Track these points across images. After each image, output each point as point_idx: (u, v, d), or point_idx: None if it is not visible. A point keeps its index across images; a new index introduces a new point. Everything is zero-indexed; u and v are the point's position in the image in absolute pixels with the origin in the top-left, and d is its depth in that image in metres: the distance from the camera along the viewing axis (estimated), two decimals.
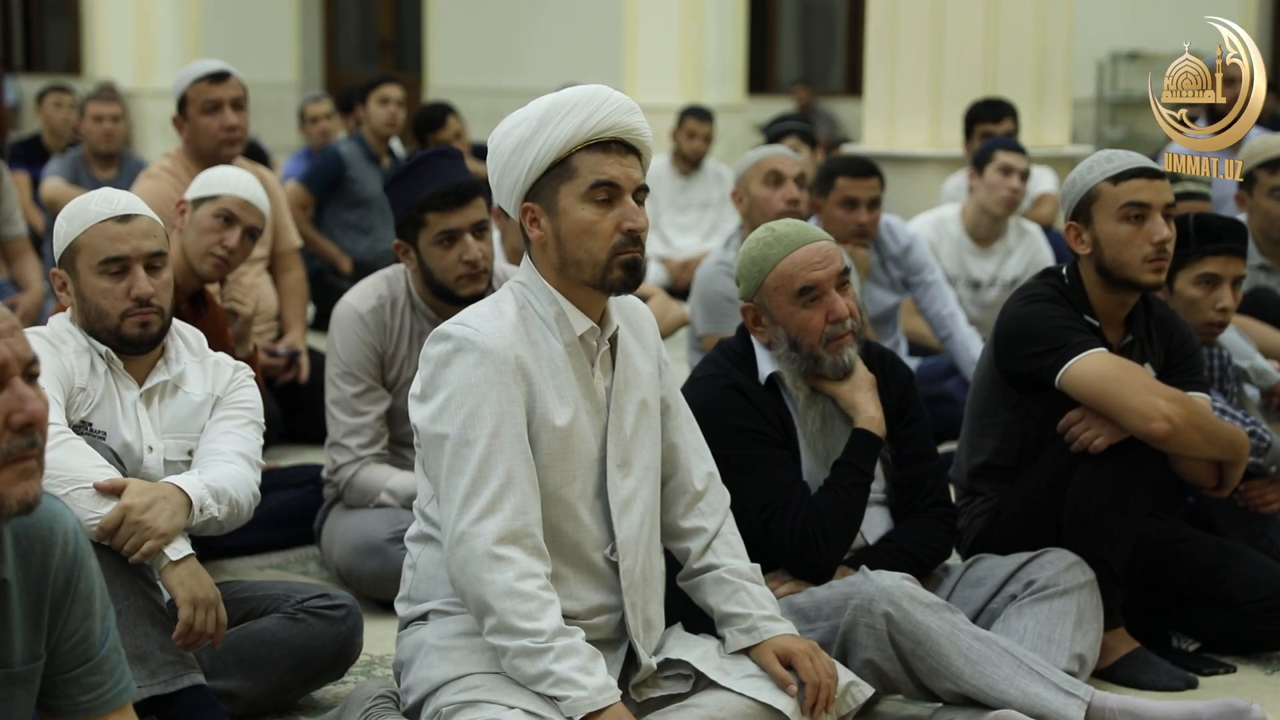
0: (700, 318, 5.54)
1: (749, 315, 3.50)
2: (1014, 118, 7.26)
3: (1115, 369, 3.52)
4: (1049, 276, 3.79)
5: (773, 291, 3.44)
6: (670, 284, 9.27)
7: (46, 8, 19.96)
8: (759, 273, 3.45)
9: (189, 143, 5.51)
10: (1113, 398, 3.51)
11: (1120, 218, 3.61)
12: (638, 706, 2.97)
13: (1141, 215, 3.61)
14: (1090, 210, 3.65)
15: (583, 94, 2.89)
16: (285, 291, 5.78)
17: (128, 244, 3.30)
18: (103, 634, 2.32)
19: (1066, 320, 3.61)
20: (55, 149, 9.47)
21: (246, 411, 3.40)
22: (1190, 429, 3.50)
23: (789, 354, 3.45)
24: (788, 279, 3.42)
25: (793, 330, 3.43)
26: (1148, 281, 3.64)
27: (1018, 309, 3.71)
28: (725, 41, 13.92)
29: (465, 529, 2.79)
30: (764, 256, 3.45)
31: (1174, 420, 3.47)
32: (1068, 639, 3.41)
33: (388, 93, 8.22)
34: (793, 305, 3.42)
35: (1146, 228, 3.60)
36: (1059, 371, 3.56)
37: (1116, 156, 3.68)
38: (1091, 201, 3.65)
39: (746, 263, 3.48)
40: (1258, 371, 4.68)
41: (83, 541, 2.29)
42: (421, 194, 4.04)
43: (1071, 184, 3.71)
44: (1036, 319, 3.63)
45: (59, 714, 2.32)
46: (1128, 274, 3.63)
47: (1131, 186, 3.62)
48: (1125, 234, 3.61)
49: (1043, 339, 3.60)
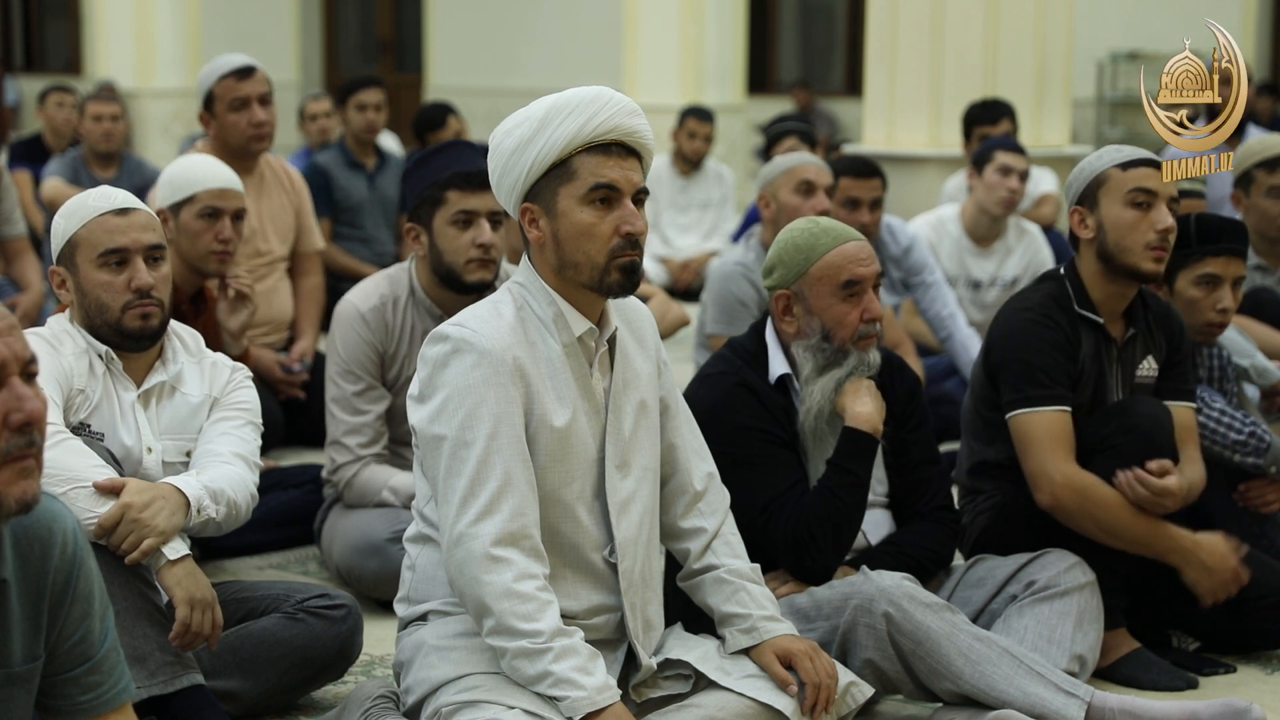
0: (711, 316, 5.51)
1: (780, 303, 3.50)
2: (1012, 118, 7.25)
3: (1039, 434, 3.59)
4: (1046, 281, 3.80)
5: (816, 281, 3.44)
6: (670, 284, 9.27)
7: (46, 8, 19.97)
8: (804, 260, 3.45)
9: (217, 139, 5.50)
10: (1023, 457, 3.63)
11: (1127, 202, 3.66)
12: (638, 707, 2.97)
13: (1147, 203, 3.65)
14: (1097, 194, 3.70)
15: (584, 96, 2.88)
16: (301, 295, 5.73)
17: (127, 236, 3.31)
18: (102, 634, 2.32)
19: (1046, 357, 3.63)
20: (56, 149, 9.47)
21: (244, 412, 3.39)
22: (1079, 512, 3.56)
23: (820, 345, 3.45)
24: (835, 270, 3.43)
25: (828, 322, 3.44)
26: (1147, 270, 3.66)
27: (1009, 321, 3.73)
28: (725, 41, 13.92)
29: (463, 530, 2.79)
30: (811, 245, 3.45)
31: (1060, 497, 3.56)
32: (1068, 639, 3.41)
33: (365, 98, 7.89)
34: (833, 297, 3.44)
35: (1151, 215, 3.65)
36: (1011, 412, 3.65)
37: (1126, 149, 3.75)
38: (1099, 186, 3.70)
39: (790, 250, 3.48)
40: (1258, 370, 4.68)
41: (82, 541, 2.29)
42: (446, 172, 4.05)
43: (1080, 170, 3.76)
44: (1022, 346, 3.66)
45: (58, 714, 2.32)
46: (1129, 260, 3.65)
47: (1140, 173, 3.67)
48: (1130, 219, 3.65)
49: (1018, 371, 3.65)
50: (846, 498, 3.39)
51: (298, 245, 5.72)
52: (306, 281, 5.76)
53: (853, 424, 3.42)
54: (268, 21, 18.39)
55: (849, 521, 3.42)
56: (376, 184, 7.78)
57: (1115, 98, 15.74)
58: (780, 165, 5.47)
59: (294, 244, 5.70)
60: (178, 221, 4.55)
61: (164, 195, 4.62)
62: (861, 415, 3.42)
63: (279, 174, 5.70)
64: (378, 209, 7.75)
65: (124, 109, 9.01)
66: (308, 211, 5.77)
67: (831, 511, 3.38)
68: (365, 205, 7.72)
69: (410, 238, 4.17)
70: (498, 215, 4.11)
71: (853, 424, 3.42)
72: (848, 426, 3.42)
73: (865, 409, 3.43)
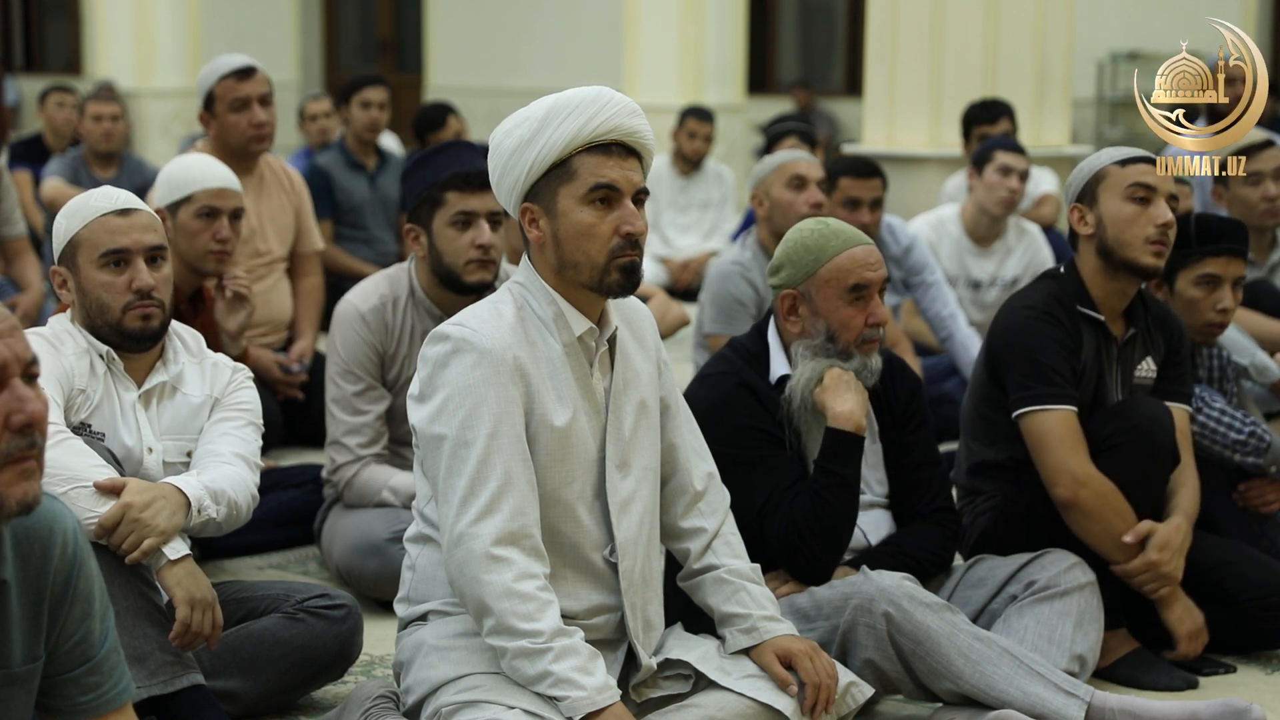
0: (709, 316, 5.51)
1: (786, 302, 3.48)
2: (1011, 118, 7.25)
3: (1057, 432, 3.59)
4: (1046, 280, 3.80)
5: (824, 283, 3.44)
6: (670, 284, 9.27)
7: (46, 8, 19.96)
8: (813, 261, 3.44)
9: (217, 139, 5.50)
10: (1040, 454, 3.61)
11: (1126, 197, 3.67)
12: (638, 707, 2.97)
13: (1146, 198, 3.67)
14: (1096, 190, 3.71)
15: (585, 96, 2.88)
16: (301, 295, 5.73)
17: (128, 237, 3.31)
18: (102, 634, 2.32)
19: (1052, 355, 3.64)
20: (57, 149, 9.47)
21: (244, 413, 3.39)
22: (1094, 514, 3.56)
23: (824, 346, 3.44)
24: (843, 273, 3.43)
25: (834, 324, 3.43)
26: (1147, 264, 3.67)
27: (1012, 318, 3.73)
28: (725, 42, 13.92)
29: (463, 530, 2.79)
30: (821, 247, 3.44)
31: (1079, 496, 3.55)
32: (1068, 639, 3.41)
33: (370, 96, 7.88)
34: (840, 300, 3.43)
35: (1150, 210, 3.66)
36: (1020, 410, 3.64)
37: (1126, 149, 3.77)
38: (1099, 182, 3.72)
39: (799, 250, 3.46)
40: (1258, 368, 4.68)
41: (82, 542, 2.29)
42: (445, 173, 4.05)
43: (1079, 170, 3.78)
44: (1027, 344, 3.66)
45: (58, 714, 2.32)
46: (1129, 254, 3.66)
47: (1139, 169, 3.69)
48: (1130, 213, 3.66)
49: (1025, 370, 3.64)
50: (834, 499, 3.37)
51: (297, 246, 5.71)
52: (306, 282, 5.75)
53: (834, 424, 3.39)
54: (268, 21, 18.38)
55: (840, 522, 3.39)
56: (377, 184, 7.78)
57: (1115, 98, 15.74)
58: (771, 163, 5.49)
59: (293, 244, 5.70)
60: (175, 221, 4.55)
61: (162, 195, 4.62)
62: (842, 414, 3.39)
63: (279, 174, 5.70)
64: (379, 209, 7.74)
65: (124, 109, 9.01)
66: (307, 212, 5.77)
67: (820, 513, 3.37)
68: (367, 206, 7.71)
69: (410, 238, 4.18)
70: (497, 216, 4.11)
71: (834, 424, 3.39)
72: (830, 427, 3.40)
73: (845, 406, 3.40)
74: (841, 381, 3.42)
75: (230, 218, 4.58)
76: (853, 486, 3.40)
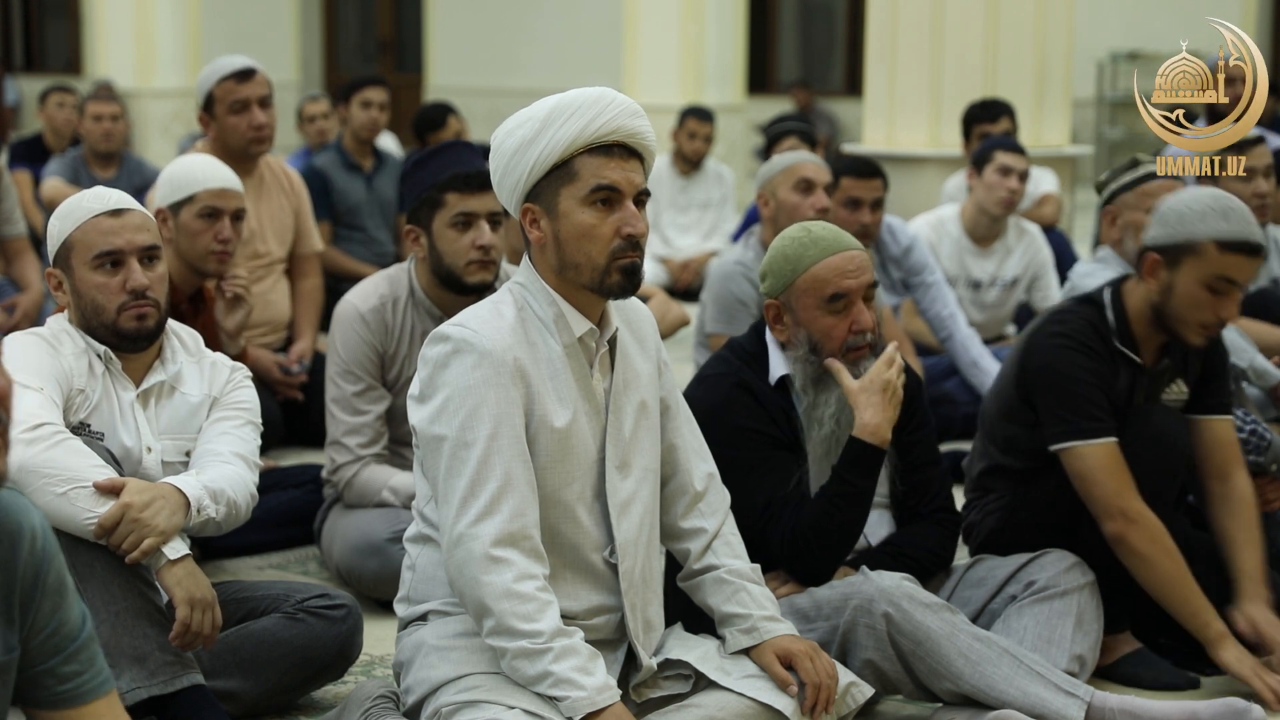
0: (711, 315, 5.50)
1: (771, 312, 3.46)
2: (1011, 117, 7.25)
3: (1105, 466, 3.53)
4: (1086, 305, 3.70)
5: (802, 293, 3.41)
6: (670, 284, 9.27)
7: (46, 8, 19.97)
8: (791, 271, 3.42)
9: (216, 140, 5.49)
10: (1088, 488, 3.55)
11: (1208, 284, 3.55)
12: (638, 707, 2.97)
13: (1226, 291, 3.57)
14: (1182, 259, 3.57)
15: (587, 96, 2.88)
16: (300, 296, 5.72)
17: (121, 237, 3.30)
18: (77, 625, 2.31)
19: (1092, 386, 3.57)
20: (57, 149, 9.46)
21: (243, 412, 3.39)
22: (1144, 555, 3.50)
23: (808, 356, 3.42)
24: (820, 283, 3.39)
25: (815, 334, 3.40)
26: (1193, 343, 3.63)
27: (1048, 347, 3.64)
28: (725, 42, 13.92)
29: (463, 530, 2.79)
30: (799, 256, 3.42)
31: (1129, 535, 3.50)
32: (1068, 640, 3.41)
33: (370, 96, 7.87)
34: (819, 310, 3.39)
35: (1222, 302, 3.57)
36: (1062, 443, 3.57)
37: (1232, 214, 3.55)
38: (1189, 252, 3.56)
39: (779, 259, 3.44)
40: (1257, 371, 4.68)
41: (50, 537, 2.28)
42: (444, 174, 4.05)
43: (1178, 218, 3.58)
44: (1065, 376, 3.59)
45: (39, 705, 2.32)
46: (1181, 330, 3.61)
47: (1234, 262, 3.54)
48: (1203, 300, 3.56)
49: (1063, 402, 3.57)
50: (845, 507, 3.35)
51: (296, 247, 5.71)
52: (305, 283, 5.75)
53: (859, 434, 3.37)
54: (268, 22, 18.39)
55: (848, 531, 3.38)
56: (374, 185, 7.77)
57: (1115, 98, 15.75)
58: (778, 164, 5.46)
59: (293, 245, 5.69)
60: (177, 221, 4.55)
61: (163, 194, 4.62)
62: (869, 426, 3.36)
63: (278, 175, 5.70)
64: (376, 210, 7.74)
65: (124, 109, 9.01)
66: (307, 213, 5.77)
67: (829, 520, 3.35)
68: (364, 207, 7.70)
69: (409, 239, 4.17)
70: (497, 216, 4.11)
71: (859, 434, 3.37)
72: (853, 436, 3.37)
73: (875, 419, 3.35)
74: (876, 389, 3.37)
75: (232, 218, 4.58)
76: (866, 498, 3.38)
